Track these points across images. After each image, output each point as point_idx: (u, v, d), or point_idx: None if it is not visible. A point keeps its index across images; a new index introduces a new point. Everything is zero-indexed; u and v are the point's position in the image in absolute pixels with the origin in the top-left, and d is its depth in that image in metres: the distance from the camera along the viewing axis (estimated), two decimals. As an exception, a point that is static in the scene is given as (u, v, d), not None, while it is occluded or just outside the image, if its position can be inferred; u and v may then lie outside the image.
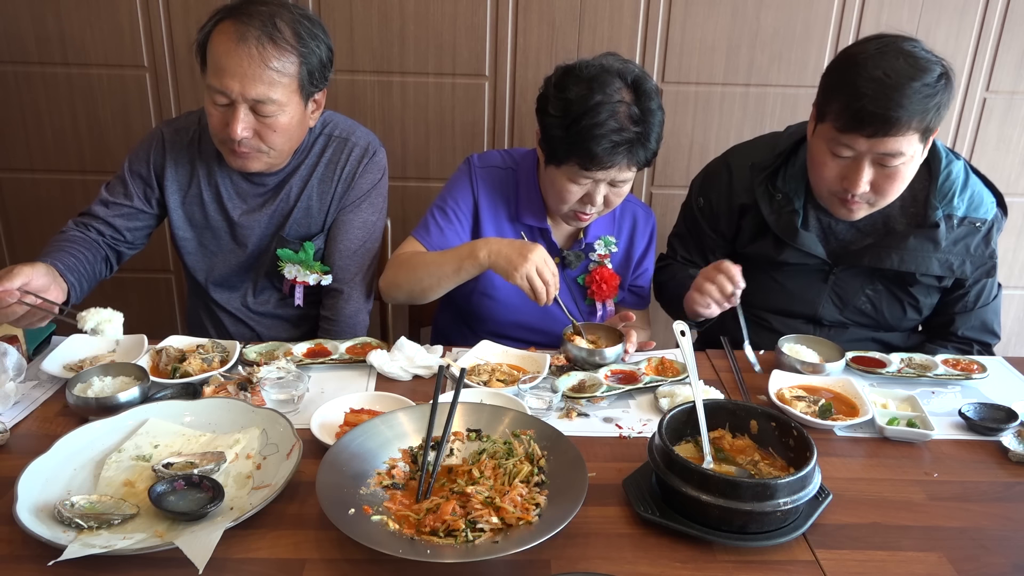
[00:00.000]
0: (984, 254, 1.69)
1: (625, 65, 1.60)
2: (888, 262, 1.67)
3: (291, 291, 1.84)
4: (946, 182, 1.67)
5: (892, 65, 1.45)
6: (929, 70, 1.46)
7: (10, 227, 2.62)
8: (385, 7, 2.33)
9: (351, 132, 1.81)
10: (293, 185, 1.77)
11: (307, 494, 1.09)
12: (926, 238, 1.66)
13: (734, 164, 1.81)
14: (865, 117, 1.46)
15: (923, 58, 1.47)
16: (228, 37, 1.53)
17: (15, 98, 2.43)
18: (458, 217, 1.79)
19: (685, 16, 2.36)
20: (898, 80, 1.44)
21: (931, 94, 1.45)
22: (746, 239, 1.82)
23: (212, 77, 1.56)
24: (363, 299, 1.86)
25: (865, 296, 1.75)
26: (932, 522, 1.12)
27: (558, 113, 1.58)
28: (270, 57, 1.53)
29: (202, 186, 1.77)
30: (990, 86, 2.46)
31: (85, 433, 1.19)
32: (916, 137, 1.49)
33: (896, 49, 1.48)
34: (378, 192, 1.83)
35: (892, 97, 1.44)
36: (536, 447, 1.15)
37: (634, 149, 1.57)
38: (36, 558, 0.96)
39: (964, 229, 1.67)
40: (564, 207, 1.69)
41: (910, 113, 1.44)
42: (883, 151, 1.49)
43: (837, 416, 1.37)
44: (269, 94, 1.55)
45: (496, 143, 2.51)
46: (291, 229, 1.79)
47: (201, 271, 1.85)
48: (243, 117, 1.56)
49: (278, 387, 1.37)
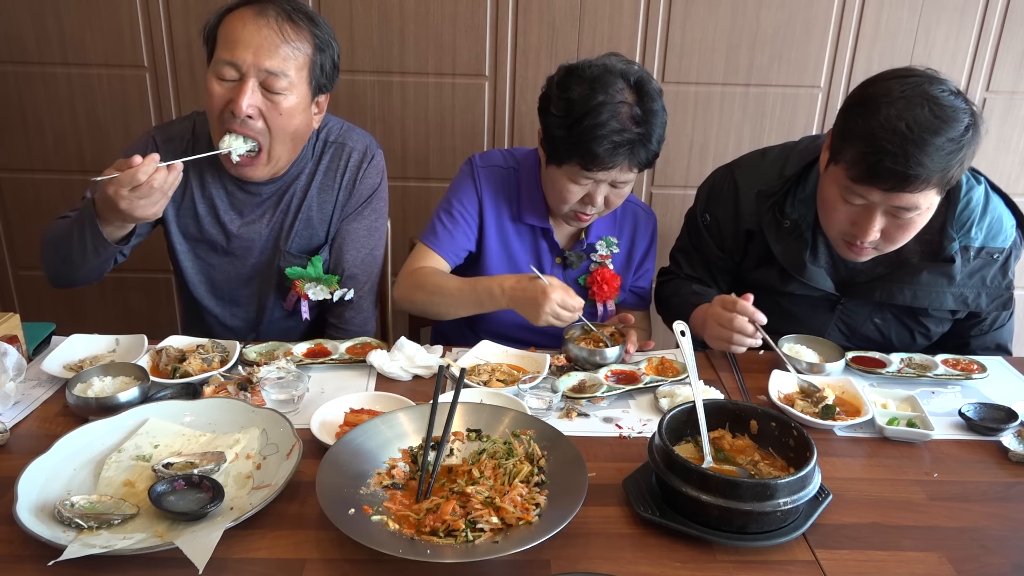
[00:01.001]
0: (1000, 285, 1.61)
1: (628, 66, 1.60)
2: (900, 298, 1.60)
3: (294, 306, 1.79)
4: (964, 211, 1.57)
5: (916, 116, 1.33)
6: (956, 121, 1.34)
7: (10, 227, 2.62)
8: (385, 7, 2.33)
9: (347, 136, 1.76)
10: (293, 195, 1.72)
11: (307, 494, 1.09)
12: (940, 273, 1.58)
13: (742, 184, 1.72)
14: (882, 172, 1.36)
15: (950, 106, 1.35)
16: (244, 14, 1.52)
17: (15, 98, 2.43)
18: (464, 219, 1.78)
19: (685, 16, 2.36)
20: (921, 135, 1.33)
21: (955, 150, 1.34)
22: (751, 264, 1.75)
23: (223, 51, 1.51)
24: (372, 307, 1.84)
25: (873, 325, 1.70)
26: (932, 522, 1.12)
27: (560, 113, 1.58)
28: (288, 34, 1.52)
29: (196, 198, 1.70)
30: (990, 86, 2.46)
31: (85, 433, 1.19)
32: (935, 191, 1.40)
33: (921, 95, 1.35)
34: (379, 196, 1.80)
35: (912, 154, 1.33)
36: (536, 447, 1.15)
37: (635, 150, 1.57)
38: (36, 558, 0.96)
39: (981, 261, 1.59)
40: (565, 207, 1.69)
41: (930, 171, 1.34)
42: (898, 204, 1.41)
43: (838, 416, 1.37)
44: (283, 68, 1.52)
45: (496, 143, 2.51)
46: (293, 243, 1.74)
47: (199, 284, 1.80)
48: (251, 90, 1.50)
49: (278, 387, 1.37)
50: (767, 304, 1.70)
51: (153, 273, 2.65)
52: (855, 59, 2.41)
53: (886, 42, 2.39)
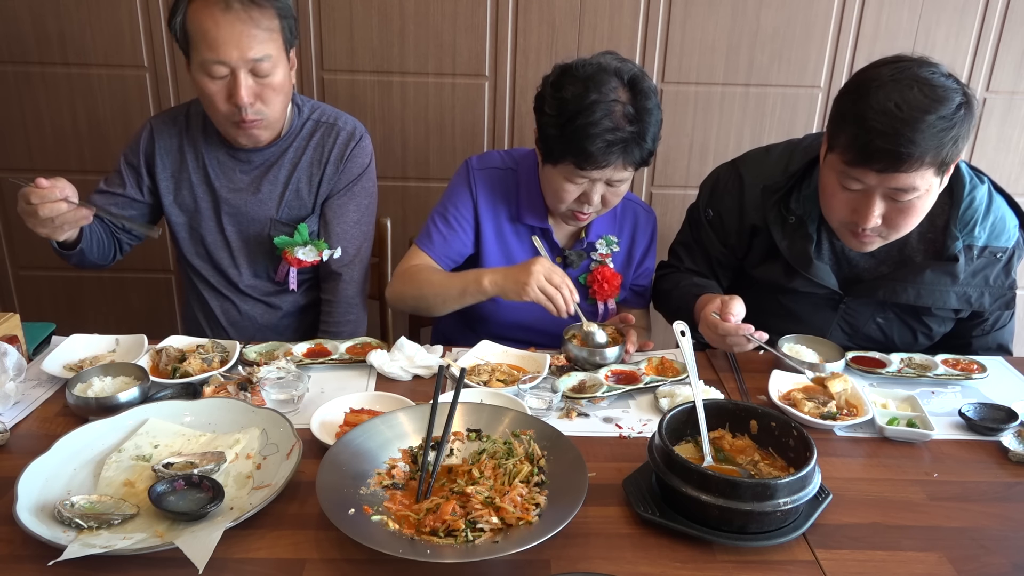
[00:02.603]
0: (1004, 285, 1.61)
1: (623, 64, 1.59)
2: (904, 296, 1.59)
3: (285, 277, 1.88)
4: (968, 209, 1.57)
5: (905, 96, 1.34)
6: (947, 100, 1.34)
7: (10, 227, 2.62)
8: (385, 7, 2.33)
9: (337, 118, 1.87)
10: (282, 167, 1.81)
11: (307, 494, 1.09)
12: (944, 272, 1.57)
13: (747, 179, 1.71)
14: (874, 153, 1.36)
15: (940, 86, 1.35)
16: (211, 10, 1.57)
17: (15, 98, 2.43)
18: (459, 223, 1.79)
19: (685, 16, 2.36)
20: (911, 113, 1.33)
21: (947, 127, 1.33)
22: (756, 260, 1.75)
23: (206, 52, 1.59)
24: (361, 282, 1.92)
25: (876, 324, 1.69)
26: (932, 522, 1.12)
27: (554, 112, 1.58)
28: (258, 19, 1.59)
29: (191, 169, 1.81)
30: (990, 86, 2.46)
31: (85, 433, 1.19)
32: (931, 171, 1.38)
33: (911, 76, 1.36)
34: (367, 176, 1.89)
35: (903, 132, 1.33)
36: (536, 447, 1.15)
37: (629, 148, 1.56)
38: (36, 558, 0.96)
39: (984, 260, 1.59)
40: (561, 206, 1.70)
41: (923, 149, 1.33)
42: (895, 186, 1.40)
43: (838, 416, 1.37)
44: (266, 51, 1.61)
45: (496, 143, 2.51)
46: (283, 212, 1.83)
47: (194, 254, 1.89)
48: (246, 82, 1.61)
49: (278, 387, 1.37)
50: (770, 302, 1.71)
51: (153, 273, 2.65)
52: (855, 59, 2.41)
53: (886, 42, 2.39)
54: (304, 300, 1.95)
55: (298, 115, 1.81)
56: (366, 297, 1.97)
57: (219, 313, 1.92)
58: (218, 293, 1.92)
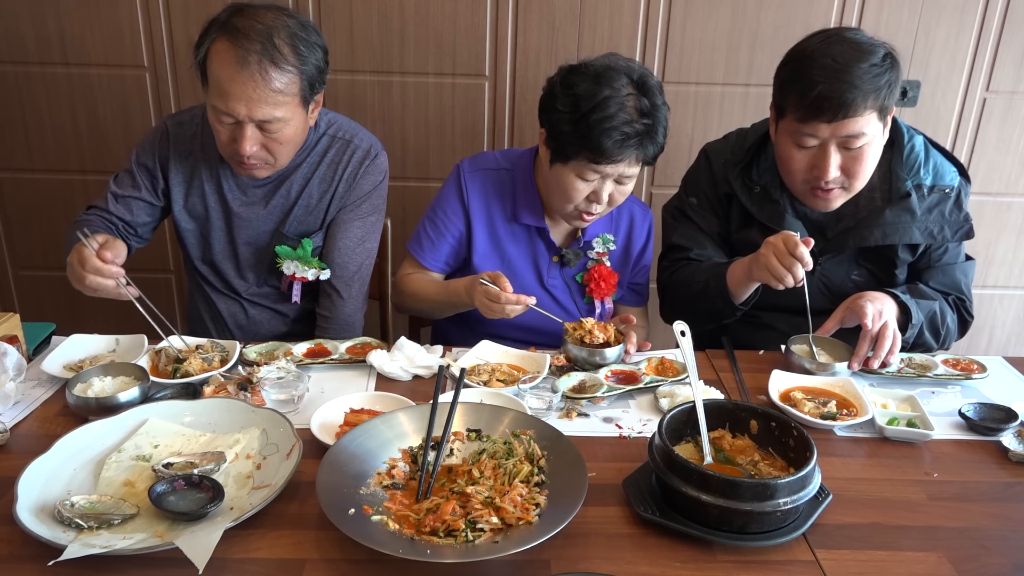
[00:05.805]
0: (959, 217, 1.71)
1: (629, 63, 1.61)
2: (872, 239, 1.68)
3: (289, 288, 1.86)
4: (911, 155, 1.72)
5: (838, 51, 1.52)
6: (873, 51, 1.53)
7: (10, 227, 2.62)
8: (385, 7, 2.33)
9: (354, 134, 1.82)
10: (294, 182, 1.78)
11: (307, 494, 1.09)
12: (901, 209, 1.69)
13: (712, 157, 1.84)
14: (823, 103, 1.51)
15: (866, 42, 1.54)
16: (229, 61, 1.52)
17: (15, 98, 2.43)
18: (449, 229, 1.81)
19: (685, 16, 2.36)
20: (846, 63, 1.50)
21: (879, 73, 1.51)
22: (735, 227, 1.82)
23: (216, 99, 1.56)
24: (360, 300, 1.88)
25: (852, 282, 1.76)
26: (932, 522, 1.12)
27: (567, 109, 1.58)
28: (272, 80, 1.53)
29: (204, 178, 1.78)
30: (990, 86, 2.46)
31: (85, 433, 1.19)
32: (875, 116, 1.54)
33: (839, 38, 1.55)
34: (378, 194, 1.85)
35: (844, 79, 1.49)
36: (536, 447, 1.15)
37: (644, 142, 1.57)
38: (36, 558, 0.96)
39: (935, 196, 1.71)
40: (570, 206, 1.69)
41: (864, 92, 1.50)
42: (845, 134, 1.54)
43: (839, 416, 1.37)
44: (275, 113, 1.57)
45: (496, 143, 2.51)
46: (291, 226, 1.81)
47: (200, 260, 1.87)
48: (250, 135, 1.59)
49: (278, 387, 1.37)
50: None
51: (153, 273, 2.64)
52: (855, 59, 2.41)
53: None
54: (312, 307, 1.92)
55: (314, 130, 1.77)
56: (363, 316, 1.92)
57: (226, 316, 1.91)
58: (225, 296, 1.91)
